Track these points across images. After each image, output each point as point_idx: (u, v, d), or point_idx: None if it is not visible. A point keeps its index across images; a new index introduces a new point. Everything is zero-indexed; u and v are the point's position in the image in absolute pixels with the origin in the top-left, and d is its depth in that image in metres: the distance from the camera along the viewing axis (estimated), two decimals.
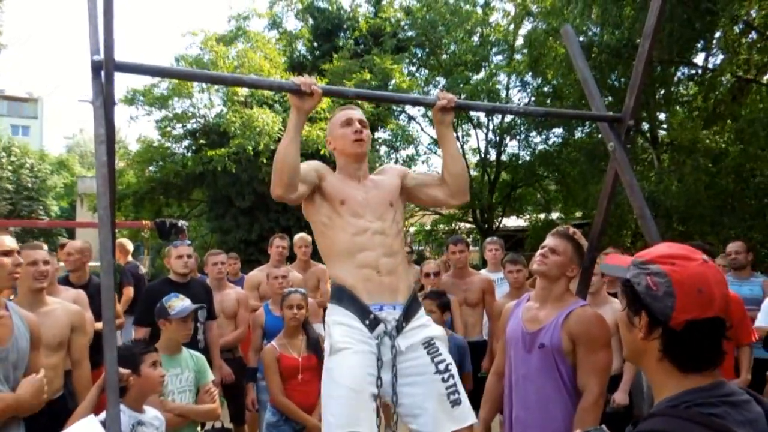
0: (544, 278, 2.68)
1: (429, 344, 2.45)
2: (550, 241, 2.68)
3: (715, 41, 11.03)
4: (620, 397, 3.91)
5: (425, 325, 2.52)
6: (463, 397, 2.43)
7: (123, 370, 2.43)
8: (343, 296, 2.44)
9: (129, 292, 6.29)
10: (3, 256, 2.50)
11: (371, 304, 2.40)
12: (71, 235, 30.28)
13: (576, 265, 2.67)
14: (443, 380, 2.39)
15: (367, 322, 2.38)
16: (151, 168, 15.46)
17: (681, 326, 1.14)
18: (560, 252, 2.63)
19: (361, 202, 2.53)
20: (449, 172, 2.66)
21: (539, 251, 2.70)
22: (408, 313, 2.46)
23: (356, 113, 2.69)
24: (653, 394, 1.26)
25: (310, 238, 5.72)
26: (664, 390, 1.21)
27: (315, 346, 3.83)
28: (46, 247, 3.57)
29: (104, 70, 1.99)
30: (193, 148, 14.81)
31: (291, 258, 5.76)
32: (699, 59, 11.89)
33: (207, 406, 3.24)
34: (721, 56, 11.48)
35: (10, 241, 2.55)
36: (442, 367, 2.41)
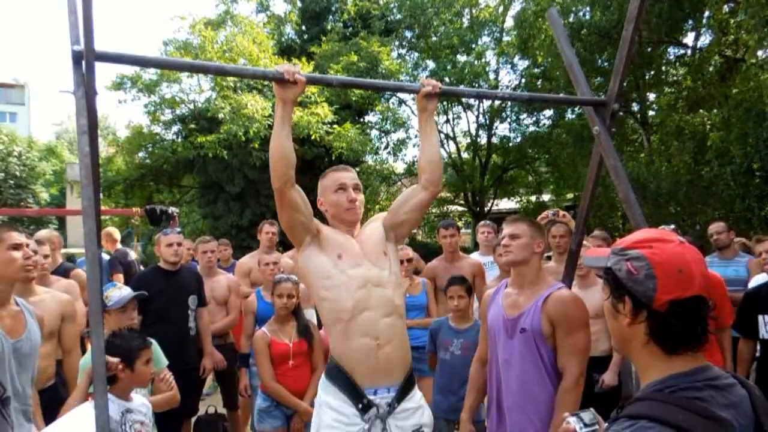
0: (516, 265, 2.72)
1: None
2: (506, 229, 2.74)
3: (704, 21, 11.03)
4: (609, 377, 3.97)
5: (416, 408, 2.50)
6: None
7: (111, 359, 2.45)
8: (339, 376, 2.41)
9: (119, 279, 6.30)
10: (13, 250, 2.55)
11: (366, 387, 2.38)
12: (62, 223, 30.18)
13: (540, 239, 2.72)
14: None
15: (360, 406, 2.36)
16: (140, 154, 15.36)
17: (664, 307, 1.16)
18: (519, 234, 2.68)
19: (358, 252, 2.48)
20: (428, 159, 2.62)
21: (501, 243, 2.74)
22: (402, 394, 2.44)
23: (350, 177, 2.61)
24: (639, 379, 1.28)
25: None
26: (649, 374, 1.22)
27: (305, 332, 3.86)
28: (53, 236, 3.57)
29: (84, 60, 1.98)
30: (183, 133, 14.72)
31: (281, 243, 5.77)
32: (688, 40, 11.89)
33: (166, 394, 3.12)
34: (709, 36, 11.48)
35: (18, 236, 2.60)
36: None
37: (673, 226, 5.01)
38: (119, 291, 3.35)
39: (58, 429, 2.26)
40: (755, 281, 4.38)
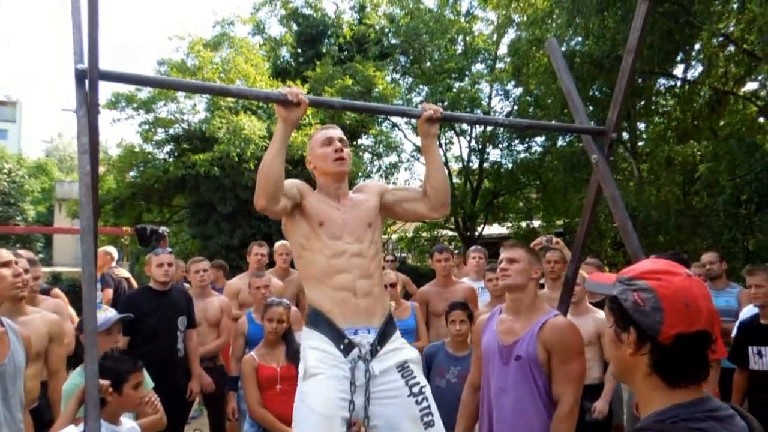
0: (513, 290, 2.71)
1: (403, 367, 2.46)
2: (504, 254, 2.74)
3: (694, 53, 11.23)
4: (601, 406, 3.94)
5: (399, 349, 2.52)
6: (437, 419, 2.43)
7: (103, 382, 2.40)
8: (319, 321, 2.44)
9: (108, 294, 6.23)
10: (1, 267, 2.53)
11: (346, 328, 2.40)
12: (48, 241, 29.84)
13: (537, 266, 2.73)
14: (417, 402, 2.40)
15: (342, 346, 2.37)
16: (131, 173, 15.28)
17: (669, 341, 1.15)
18: (518, 259, 2.68)
19: (340, 224, 2.51)
20: (432, 185, 2.64)
21: (498, 267, 2.74)
22: (383, 337, 2.46)
23: (336, 132, 2.66)
24: (640, 409, 1.26)
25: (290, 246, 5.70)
26: (651, 405, 1.21)
27: (295, 356, 3.79)
28: (30, 254, 3.53)
29: (88, 78, 1.97)
30: (176, 153, 14.67)
31: (271, 264, 5.73)
32: (678, 71, 12.09)
33: (152, 417, 3.04)
34: (699, 68, 11.69)
35: (6, 253, 2.59)
36: (416, 390, 2.42)
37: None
38: (104, 313, 3.28)
39: None
40: (746, 312, 4.38)
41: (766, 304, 3.87)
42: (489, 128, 15.45)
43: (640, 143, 13.33)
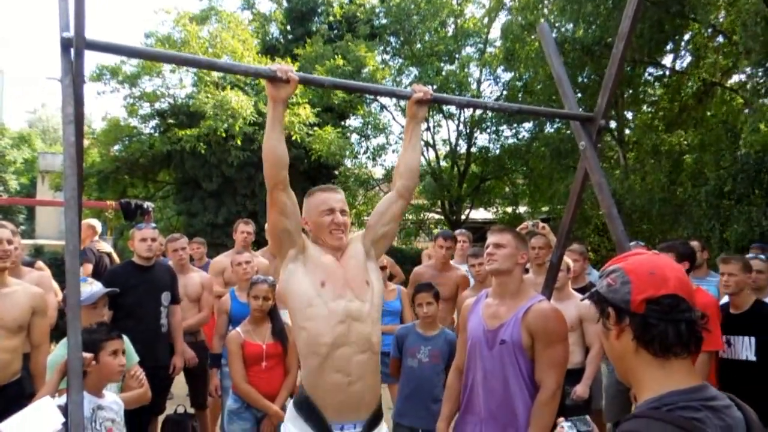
0: (499, 275, 2.72)
1: None
2: (491, 238, 2.75)
3: (683, 44, 11.26)
4: (581, 390, 4.00)
5: None
6: None
7: (86, 355, 2.39)
8: (307, 409, 2.39)
9: (87, 269, 6.19)
10: None
11: (333, 422, 2.36)
12: (31, 214, 29.50)
13: (524, 251, 2.74)
14: None
15: None
16: (116, 147, 15.11)
17: (642, 307, 1.21)
18: (504, 244, 2.69)
19: (342, 281, 2.41)
20: (409, 167, 2.62)
21: (485, 252, 2.75)
22: (368, 429, 2.43)
23: (337, 200, 2.53)
24: (636, 396, 1.27)
25: None
26: (644, 385, 1.23)
27: (280, 334, 3.82)
28: (11, 225, 3.49)
29: (74, 47, 1.93)
30: (161, 128, 14.52)
31: (256, 242, 5.72)
32: (667, 60, 12.12)
33: (136, 391, 3.07)
34: (689, 59, 11.73)
35: None
36: None
37: (642, 243, 5.08)
38: (90, 286, 3.28)
39: (19, 422, 2.17)
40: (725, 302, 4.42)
41: (736, 293, 3.83)
42: (477, 113, 15.42)
43: (627, 131, 13.38)
